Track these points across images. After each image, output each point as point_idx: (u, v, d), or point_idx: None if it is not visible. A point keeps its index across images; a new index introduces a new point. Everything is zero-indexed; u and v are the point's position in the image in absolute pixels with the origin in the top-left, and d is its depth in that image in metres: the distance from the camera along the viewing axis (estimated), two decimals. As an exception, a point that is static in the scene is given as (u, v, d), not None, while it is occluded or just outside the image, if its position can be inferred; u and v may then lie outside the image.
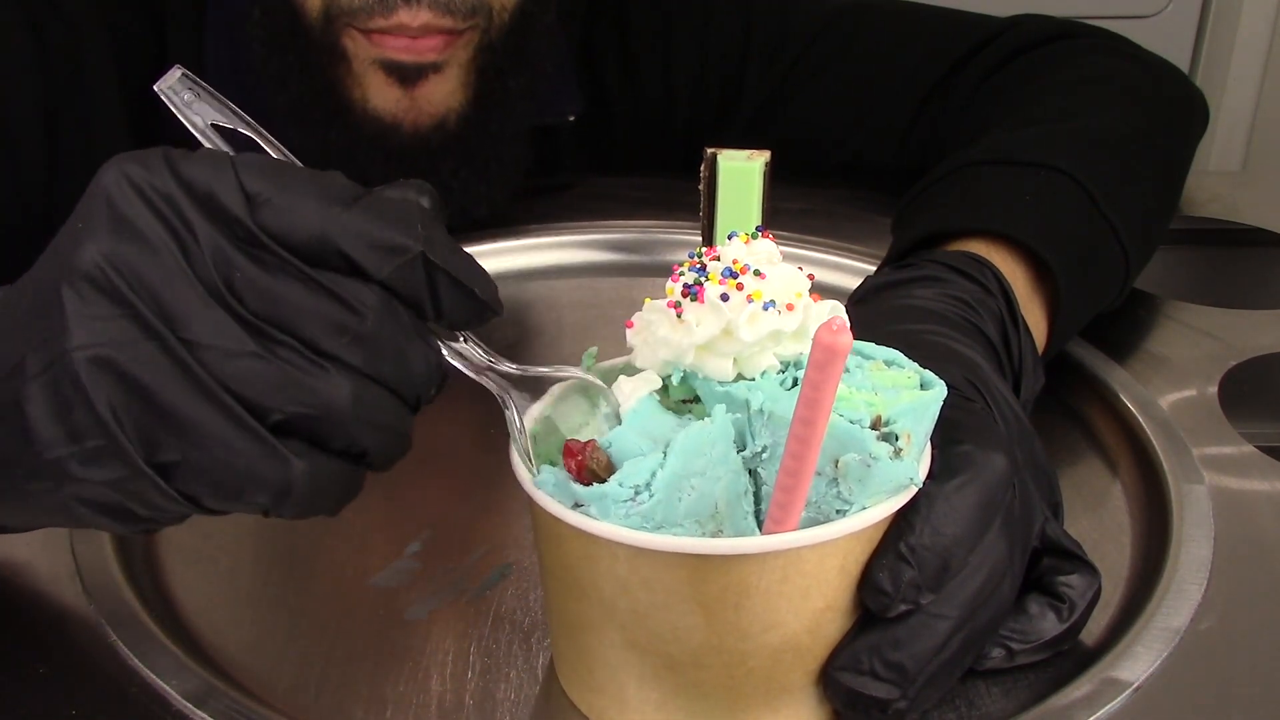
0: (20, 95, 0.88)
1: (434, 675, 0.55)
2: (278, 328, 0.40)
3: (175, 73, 0.46)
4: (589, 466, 0.47)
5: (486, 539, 0.64)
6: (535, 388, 0.50)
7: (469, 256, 0.43)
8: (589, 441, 0.47)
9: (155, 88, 0.45)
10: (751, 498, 0.47)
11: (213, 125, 0.46)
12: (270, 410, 0.40)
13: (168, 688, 0.52)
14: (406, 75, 0.83)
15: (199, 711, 0.51)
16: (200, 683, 0.53)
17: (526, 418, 0.50)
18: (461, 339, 0.47)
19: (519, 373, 0.49)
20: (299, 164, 0.44)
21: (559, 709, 0.53)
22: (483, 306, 0.43)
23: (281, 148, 0.46)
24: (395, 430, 0.43)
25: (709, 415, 0.47)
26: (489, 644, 0.57)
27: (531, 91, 0.91)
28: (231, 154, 0.42)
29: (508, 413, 0.48)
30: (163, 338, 0.39)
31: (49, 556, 0.60)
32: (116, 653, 0.55)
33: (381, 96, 0.84)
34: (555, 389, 0.53)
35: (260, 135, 0.46)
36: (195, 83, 0.45)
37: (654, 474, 0.45)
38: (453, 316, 0.43)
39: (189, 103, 0.45)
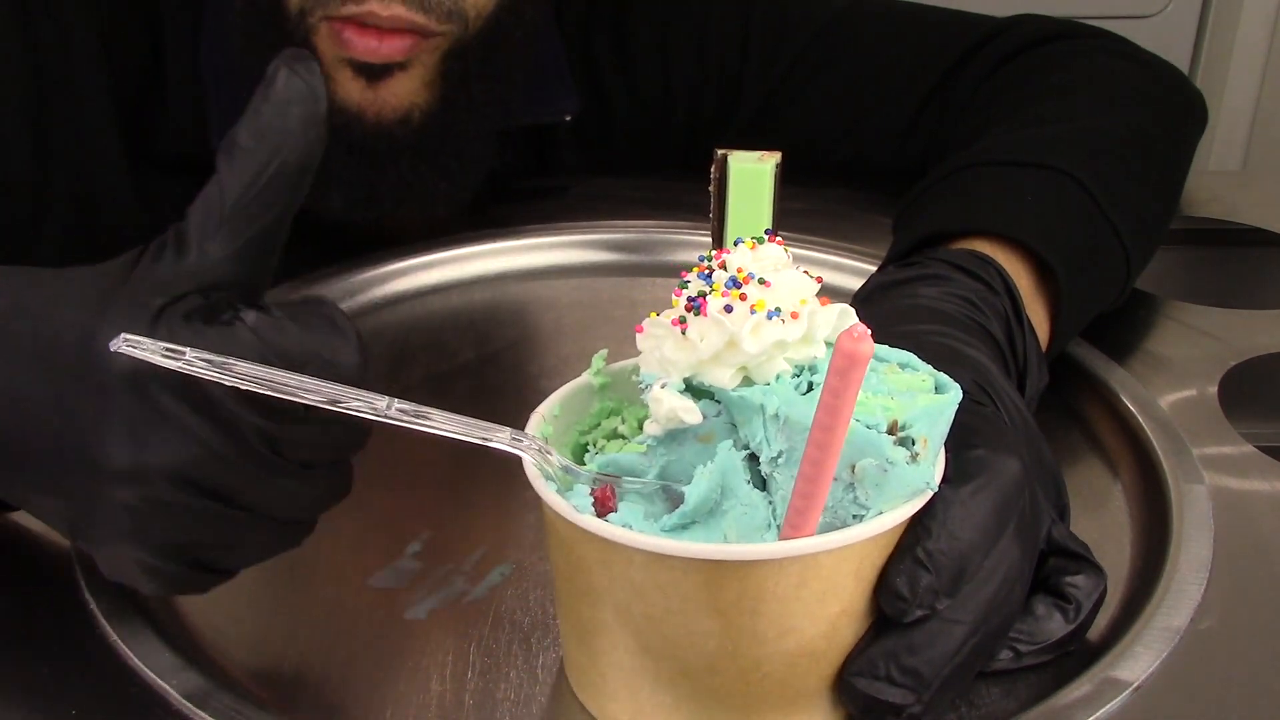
0: (9, 94, 0.88)
1: (434, 675, 0.55)
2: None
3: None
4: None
5: (486, 539, 0.64)
6: None
7: None
8: (610, 484, 0.48)
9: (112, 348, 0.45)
10: (775, 531, 0.47)
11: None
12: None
13: (168, 688, 0.52)
14: (372, 73, 0.83)
15: (199, 711, 0.51)
16: (200, 683, 0.53)
17: (537, 417, 0.50)
18: None
19: None
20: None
21: (559, 709, 0.53)
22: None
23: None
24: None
25: (715, 417, 0.48)
26: (489, 644, 0.57)
27: (499, 98, 0.91)
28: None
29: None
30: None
31: (50, 556, 0.60)
32: (116, 653, 0.55)
33: (346, 89, 0.84)
34: (564, 388, 0.53)
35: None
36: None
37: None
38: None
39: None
